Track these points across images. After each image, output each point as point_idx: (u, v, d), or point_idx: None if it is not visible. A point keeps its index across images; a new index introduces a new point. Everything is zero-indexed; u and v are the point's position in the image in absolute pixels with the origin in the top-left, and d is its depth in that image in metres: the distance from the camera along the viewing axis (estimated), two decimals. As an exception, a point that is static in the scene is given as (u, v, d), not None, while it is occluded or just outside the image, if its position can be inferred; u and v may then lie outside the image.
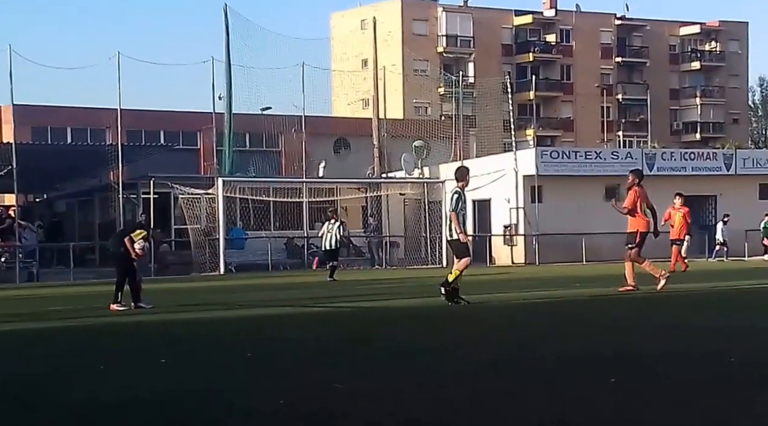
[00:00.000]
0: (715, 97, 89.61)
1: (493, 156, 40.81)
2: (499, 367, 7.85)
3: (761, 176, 41.76)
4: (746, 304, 14.32)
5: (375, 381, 7.21)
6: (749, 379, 6.79)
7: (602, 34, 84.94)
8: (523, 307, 14.36)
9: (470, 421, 5.61)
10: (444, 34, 78.15)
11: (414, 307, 15.02)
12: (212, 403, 6.45)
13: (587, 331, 10.50)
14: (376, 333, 11.01)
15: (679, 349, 8.65)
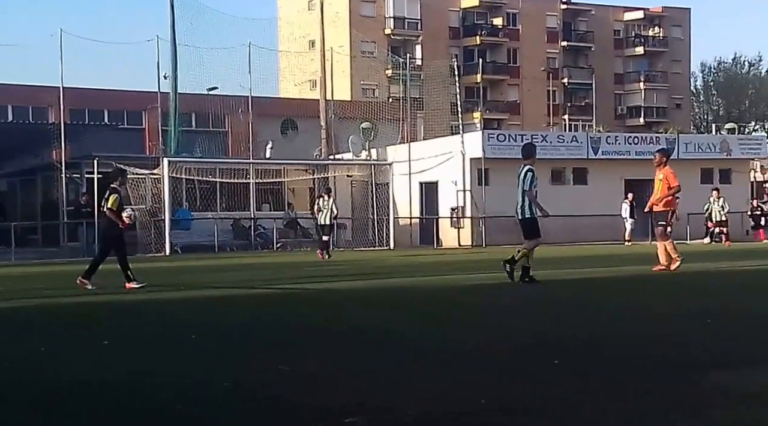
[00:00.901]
0: (659, 82, 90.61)
1: (440, 138, 40.87)
2: (444, 348, 7.83)
3: (703, 161, 42.30)
4: (706, 287, 14.44)
5: (322, 363, 7.15)
6: (697, 363, 6.84)
7: (548, 18, 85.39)
8: (470, 289, 14.37)
9: (416, 402, 5.58)
10: (391, 15, 78.01)
11: (361, 288, 14.99)
12: (156, 385, 6.34)
13: (532, 313, 10.54)
14: (323, 315, 10.96)
15: (630, 332, 8.70)
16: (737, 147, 43.57)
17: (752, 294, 12.77)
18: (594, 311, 10.63)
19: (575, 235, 36.27)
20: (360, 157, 40.41)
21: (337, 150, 41.80)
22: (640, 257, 23.49)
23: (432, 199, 39.02)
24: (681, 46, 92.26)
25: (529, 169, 14.43)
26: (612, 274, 16.70)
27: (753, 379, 6.01)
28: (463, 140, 38.12)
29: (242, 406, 5.66)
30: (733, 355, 7.01)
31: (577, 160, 39.88)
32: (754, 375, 6.15)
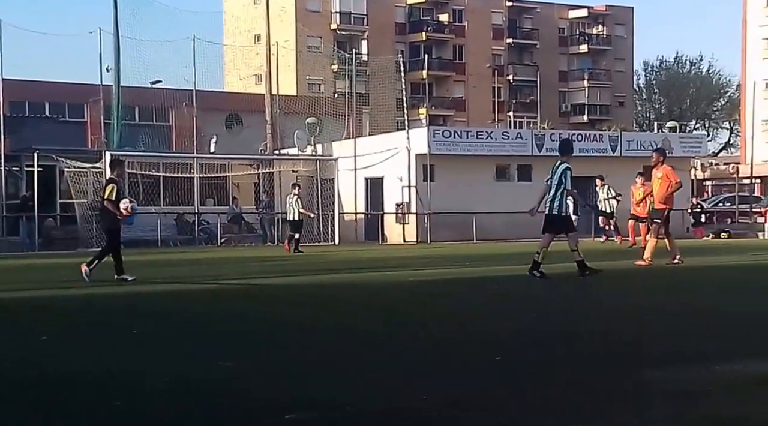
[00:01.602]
0: (602, 80, 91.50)
1: (385, 134, 40.88)
2: (387, 343, 7.83)
3: (645, 158, 42.62)
4: (657, 284, 14.58)
5: (266, 358, 7.11)
6: (638, 359, 6.89)
7: (494, 15, 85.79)
8: (414, 286, 14.37)
9: (362, 397, 5.56)
10: (337, 11, 77.88)
11: (307, 284, 14.92)
12: (94, 381, 6.25)
13: (475, 309, 10.57)
14: (268, 310, 10.89)
15: (571, 328, 8.76)
16: (678, 145, 44.07)
17: (702, 290, 12.92)
18: (542, 306, 10.69)
19: (519, 231, 36.45)
20: (305, 153, 40.27)
21: (283, 145, 41.62)
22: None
23: (377, 194, 39.01)
24: (624, 44, 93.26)
25: (567, 168, 14.42)
26: (560, 270, 16.79)
27: (690, 375, 6.06)
28: (409, 136, 38.16)
29: (183, 401, 5.59)
30: (675, 352, 7.07)
31: (521, 157, 40.10)
32: (692, 371, 6.21)
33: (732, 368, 6.21)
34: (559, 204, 14.31)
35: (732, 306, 10.36)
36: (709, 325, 8.73)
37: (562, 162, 14.53)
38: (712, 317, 9.34)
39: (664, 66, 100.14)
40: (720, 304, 10.59)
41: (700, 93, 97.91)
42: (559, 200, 14.27)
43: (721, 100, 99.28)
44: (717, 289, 13.04)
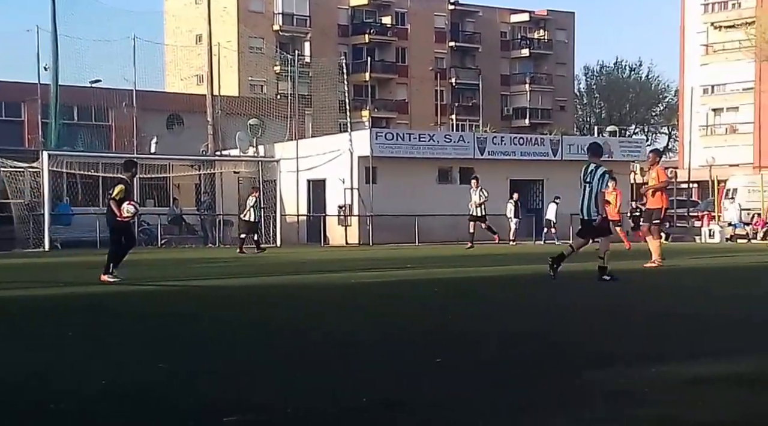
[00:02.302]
0: (544, 85, 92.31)
1: (328, 136, 40.82)
2: (328, 345, 7.78)
3: (585, 162, 43.07)
4: (606, 286, 14.69)
5: (205, 360, 7.02)
6: (578, 359, 6.93)
7: (436, 18, 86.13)
8: (356, 288, 14.34)
9: (300, 398, 5.51)
10: (280, 12, 77.65)
11: (248, 286, 14.81)
12: (32, 383, 6.13)
13: (418, 311, 10.56)
14: (206, 312, 10.78)
15: (516, 328, 8.79)
16: (618, 149, 44.58)
17: (647, 293, 13.05)
18: (487, 308, 10.71)
19: (461, 233, 36.61)
20: (247, 154, 40.06)
21: (224, 146, 41.35)
22: (525, 256, 23.85)
23: (319, 196, 38.94)
24: (565, 49, 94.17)
25: (605, 171, 14.33)
26: (502, 273, 16.89)
27: (629, 376, 6.10)
28: (351, 138, 38.14)
29: (119, 403, 5.49)
30: (615, 353, 7.12)
31: (463, 160, 40.27)
32: (630, 372, 6.26)
33: (669, 369, 6.27)
34: (596, 208, 14.14)
35: (670, 308, 10.48)
36: (649, 326, 8.81)
37: (597, 165, 14.38)
38: (653, 319, 9.43)
39: (605, 71, 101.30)
40: (659, 307, 10.70)
41: (639, 98, 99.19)
42: (594, 203, 14.13)
43: (660, 105, 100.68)
44: (656, 291, 13.18)
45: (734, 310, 10.28)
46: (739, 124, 74.60)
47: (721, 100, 75.75)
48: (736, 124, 75.08)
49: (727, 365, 6.44)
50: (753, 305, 10.92)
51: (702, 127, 74.22)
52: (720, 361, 6.65)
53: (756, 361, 6.65)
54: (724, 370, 6.22)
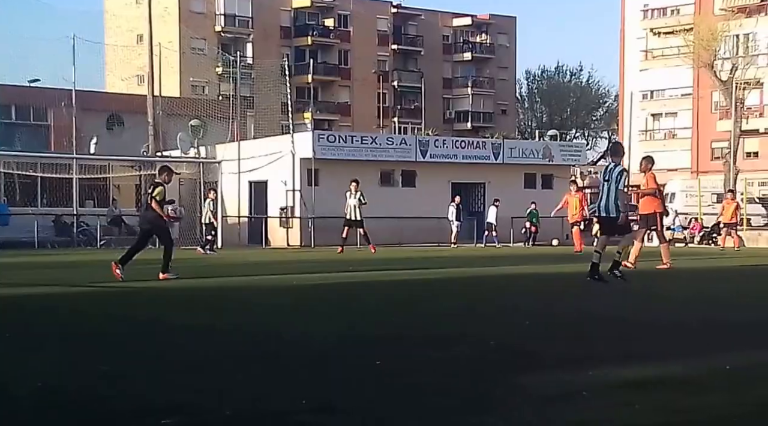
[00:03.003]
0: (486, 88, 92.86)
1: (270, 138, 40.69)
2: (269, 347, 7.75)
3: (526, 165, 43.53)
4: (537, 288, 14.79)
5: (145, 362, 6.96)
6: (509, 362, 6.97)
7: (379, 21, 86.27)
8: (297, 289, 14.30)
9: (237, 401, 5.49)
10: (222, 13, 77.23)
11: (189, 287, 14.69)
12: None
13: (359, 314, 10.56)
14: (145, 313, 10.68)
15: (454, 331, 8.82)
16: (559, 153, 44.99)
17: (576, 295, 13.17)
18: (425, 311, 10.74)
19: (403, 236, 36.71)
20: (188, 155, 39.77)
21: (165, 147, 41.01)
22: (463, 259, 23.98)
23: (261, 198, 38.78)
24: (507, 53, 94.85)
25: (624, 170, 14.49)
26: (444, 276, 16.95)
27: (565, 379, 6.16)
28: (294, 140, 38.04)
29: (56, 406, 5.42)
30: (553, 356, 7.18)
31: (405, 163, 40.38)
32: (567, 375, 6.31)
33: (605, 372, 6.34)
34: (615, 206, 14.32)
35: (609, 311, 10.58)
36: (584, 329, 8.90)
37: (617, 164, 14.56)
38: (587, 322, 9.52)
39: (546, 75, 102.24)
40: (599, 309, 10.80)
41: (580, 102, 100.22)
42: (615, 202, 14.29)
43: (600, 109, 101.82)
44: (597, 294, 13.30)
45: (670, 314, 10.42)
46: (678, 129, 75.70)
47: (660, 106, 76.78)
48: (675, 130, 76.17)
49: (660, 368, 6.53)
50: (689, 309, 11.08)
51: (641, 132, 75.16)
52: (653, 364, 6.74)
53: (687, 364, 6.76)
54: (657, 373, 6.31)
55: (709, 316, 10.09)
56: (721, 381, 6.04)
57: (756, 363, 6.77)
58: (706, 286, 14.79)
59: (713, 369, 6.47)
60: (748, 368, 6.54)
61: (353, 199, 28.05)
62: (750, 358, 6.98)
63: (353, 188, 28.16)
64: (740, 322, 9.40)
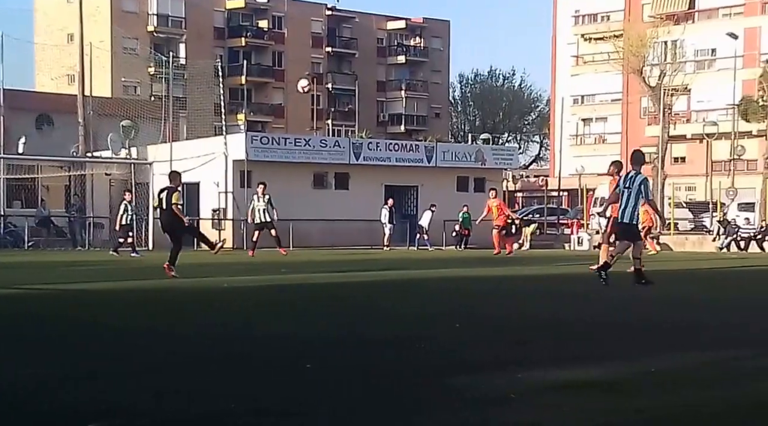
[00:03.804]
0: (419, 91, 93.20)
1: (203, 139, 40.42)
2: (202, 350, 7.70)
3: (459, 169, 43.81)
4: (466, 291, 14.86)
5: (70, 364, 6.86)
6: (439, 364, 7.01)
7: (313, 23, 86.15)
8: (228, 292, 14.22)
9: (170, 404, 5.46)
10: (155, 12, 76.50)
11: (120, 289, 14.53)
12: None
13: (291, 316, 10.54)
14: (74, 314, 10.53)
15: (386, 334, 8.84)
16: (491, 157, 45.34)
17: (510, 297, 13.28)
18: (360, 313, 10.75)
19: (336, 239, 36.73)
20: (119, 156, 39.32)
21: (96, 147, 40.49)
22: (396, 261, 24.05)
23: (193, 199, 38.45)
24: (441, 57, 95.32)
25: (646, 178, 14.71)
26: (378, 278, 16.99)
27: (494, 382, 6.21)
28: (226, 142, 37.84)
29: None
30: (482, 359, 7.23)
31: (339, 165, 40.39)
32: (496, 378, 6.37)
33: (534, 375, 6.40)
34: (635, 213, 14.56)
35: (537, 313, 10.68)
36: (517, 331, 8.97)
37: (637, 172, 14.72)
38: (520, 324, 9.60)
39: (479, 79, 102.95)
40: (527, 311, 10.90)
41: (512, 107, 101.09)
42: (635, 209, 14.51)
43: (532, 114, 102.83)
44: (525, 296, 13.43)
45: (602, 316, 10.56)
46: (608, 134, 76.72)
47: (590, 111, 77.76)
48: (605, 134, 77.19)
49: (589, 371, 6.62)
50: (621, 311, 11.24)
51: (572, 137, 76.06)
52: (583, 366, 6.83)
53: (615, 366, 6.86)
54: (586, 376, 6.39)
55: (638, 319, 10.25)
56: (647, 383, 6.14)
57: (680, 365, 6.90)
58: (636, 289, 15.00)
59: (640, 371, 6.57)
60: (672, 371, 6.66)
61: (261, 202, 27.40)
62: (674, 361, 7.11)
63: (260, 191, 27.49)
64: (668, 324, 9.56)
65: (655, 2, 69.81)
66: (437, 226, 38.18)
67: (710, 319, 10.28)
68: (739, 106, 53.23)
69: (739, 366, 6.95)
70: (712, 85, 63.45)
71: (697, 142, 61.35)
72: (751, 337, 8.72)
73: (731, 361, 7.14)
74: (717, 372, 6.66)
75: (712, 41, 65.70)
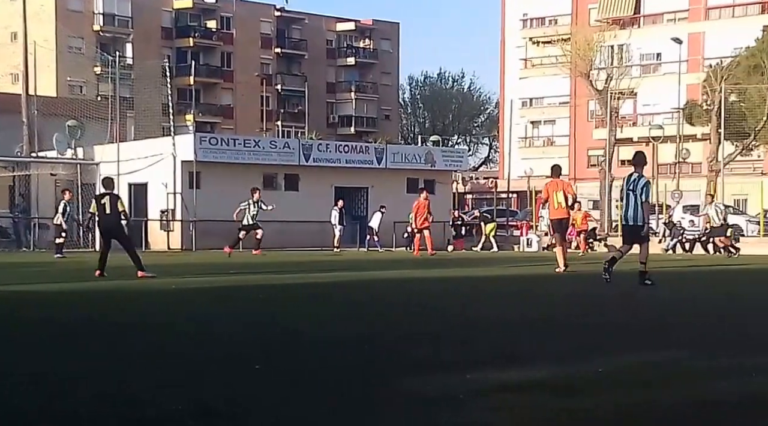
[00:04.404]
0: (369, 93, 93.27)
1: (151, 140, 40.06)
2: (147, 351, 7.60)
3: (409, 171, 43.87)
4: (428, 291, 14.86)
5: (16, 365, 6.73)
6: (388, 364, 6.98)
7: (262, 24, 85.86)
8: (176, 293, 14.07)
9: (112, 407, 5.37)
10: (101, 12, 75.75)
11: (63, 291, 14.31)
12: None
13: (241, 317, 10.44)
14: (20, 316, 10.36)
15: (335, 334, 8.79)
16: (441, 159, 45.47)
17: (461, 298, 13.29)
18: (311, 313, 10.69)
19: (286, 240, 36.57)
20: (65, 156, 38.84)
21: (41, 147, 39.96)
22: (346, 263, 24.00)
23: (141, 200, 38.13)
24: (390, 58, 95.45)
25: (648, 181, 14.92)
26: (328, 280, 16.93)
27: (443, 382, 6.19)
28: (175, 142, 37.54)
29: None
30: (431, 359, 7.21)
31: (289, 167, 40.25)
32: (445, 379, 6.35)
33: (483, 376, 6.39)
34: (641, 216, 14.76)
35: (487, 313, 10.68)
36: (466, 331, 8.97)
37: (640, 175, 14.91)
38: (469, 324, 9.59)
39: (428, 81, 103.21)
40: (476, 311, 10.90)
41: (462, 109, 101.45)
42: (640, 211, 14.71)
43: (482, 116, 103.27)
44: (475, 296, 13.45)
45: (552, 316, 10.58)
46: (556, 136, 77.31)
47: (539, 113, 78.29)
48: (553, 137, 77.78)
49: (537, 371, 6.62)
50: (570, 311, 11.28)
51: (521, 139, 76.54)
52: (532, 367, 6.83)
53: (564, 367, 6.87)
54: (536, 376, 6.39)
55: (588, 319, 10.29)
56: (596, 383, 6.15)
57: (629, 365, 6.92)
58: (588, 288, 15.10)
59: (589, 371, 6.59)
60: (621, 371, 6.69)
61: (254, 207, 28.50)
62: (624, 361, 7.13)
63: (256, 197, 28.85)
64: (618, 325, 9.61)
65: (601, 7, 70.44)
66: (387, 228, 38.18)
67: (661, 320, 10.34)
68: (683, 110, 53.86)
69: (688, 366, 6.98)
70: (657, 89, 64.16)
71: (644, 145, 61.85)
72: (701, 337, 8.78)
73: (681, 362, 7.17)
74: (666, 372, 6.68)
75: (657, 46, 66.46)
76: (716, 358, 7.37)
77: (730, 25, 64.16)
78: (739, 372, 6.60)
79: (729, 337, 8.74)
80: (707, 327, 9.60)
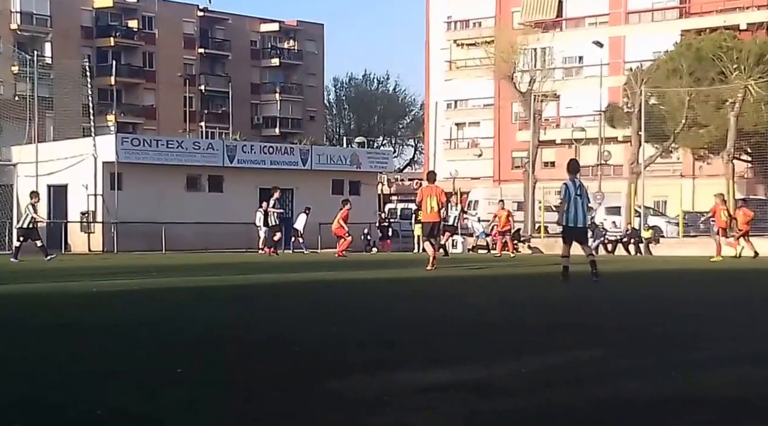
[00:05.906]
0: (294, 94, 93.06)
1: (71, 140, 39.45)
2: (65, 355, 7.44)
3: (334, 172, 43.84)
4: (353, 293, 14.81)
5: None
6: (312, 366, 6.93)
7: (185, 24, 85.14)
8: (96, 296, 13.82)
9: (34, 412, 5.24)
10: (18, 10, 74.40)
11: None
12: None
13: (159, 319, 10.29)
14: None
15: (258, 334, 8.70)
16: (366, 160, 45.54)
17: (383, 299, 13.27)
18: (236, 314, 10.57)
19: (210, 242, 36.28)
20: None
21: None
22: (273, 265, 23.87)
23: (61, 202, 37.51)
24: (315, 60, 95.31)
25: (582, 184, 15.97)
26: (250, 282, 16.78)
27: (367, 384, 6.16)
28: (96, 143, 36.99)
29: None
30: (356, 360, 7.18)
31: (212, 168, 39.94)
32: (369, 380, 6.32)
33: (407, 377, 6.37)
34: (585, 218, 16.10)
35: (411, 314, 10.68)
36: (389, 332, 8.94)
37: (580, 181, 16.01)
38: (392, 325, 9.58)
39: (353, 83, 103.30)
40: (400, 312, 10.88)
41: (387, 110, 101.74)
42: (585, 215, 16.02)
43: (407, 118, 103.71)
44: (398, 298, 13.44)
45: (475, 317, 10.61)
46: (481, 138, 77.86)
47: (463, 115, 78.76)
48: (478, 139, 78.33)
49: (461, 372, 6.62)
50: (492, 312, 11.33)
51: (446, 141, 76.96)
52: (456, 367, 6.84)
53: (488, 367, 6.88)
54: (460, 377, 6.39)
55: (510, 319, 10.34)
56: (519, 383, 6.16)
57: (550, 365, 6.96)
58: (506, 290, 15.20)
59: (512, 371, 6.61)
60: (542, 371, 6.71)
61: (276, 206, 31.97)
62: (545, 361, 7.17)
63: (276, 195, 31.97)
64: (539, 325, 9.67)
65: (524, 9, 71.14)
66: (313, 229, 38.05)
67: (583, 319, 10.43)
68: (605, 113, 54.65)
69: (608, 364, 7.05)
70: (579, 91, 65.01)
71: (566, 147, 62.77)
72: (624, 335, 8.86)
73: (602, 360, 7.24)
74: (587, 371, 6.74)
75: (579, 49, 67.36)
76: (628, 356, 7.45)
77: (649, 30, 65.26)
78: (661, 370, 6.67)
79: (653, 336, 8.84)
80: (633, 326, 9.70)
